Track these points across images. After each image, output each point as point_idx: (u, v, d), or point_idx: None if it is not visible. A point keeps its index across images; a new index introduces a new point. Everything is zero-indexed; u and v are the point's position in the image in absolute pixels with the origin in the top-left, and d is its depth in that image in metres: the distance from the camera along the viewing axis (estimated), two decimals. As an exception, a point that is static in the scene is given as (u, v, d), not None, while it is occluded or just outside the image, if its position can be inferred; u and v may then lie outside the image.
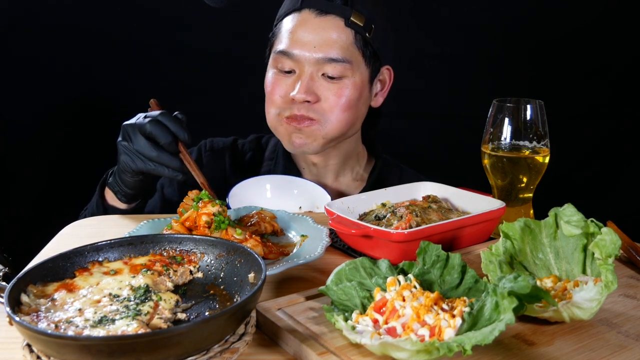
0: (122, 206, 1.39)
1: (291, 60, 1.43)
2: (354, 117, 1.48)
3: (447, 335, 0.70)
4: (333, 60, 1.41)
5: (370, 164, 1.67)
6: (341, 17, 1.41)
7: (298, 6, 1.43)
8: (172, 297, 0.81)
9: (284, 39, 1.44)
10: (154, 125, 1.23)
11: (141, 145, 1.24)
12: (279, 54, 1.44)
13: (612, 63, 2.47)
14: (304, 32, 1.41)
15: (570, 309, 0.77)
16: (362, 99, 1.49)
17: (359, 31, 1.43)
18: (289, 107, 1.44)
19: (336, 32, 1.41)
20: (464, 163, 1.62)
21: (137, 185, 1.34)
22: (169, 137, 1.24)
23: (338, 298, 0.82)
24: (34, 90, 2.36)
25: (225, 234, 1.00)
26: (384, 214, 1.11)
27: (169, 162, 1.24)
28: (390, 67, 1.55)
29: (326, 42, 1.41)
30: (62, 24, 2.31)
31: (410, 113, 2.32)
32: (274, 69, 1.47)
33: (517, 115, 1.17)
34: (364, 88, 1.48)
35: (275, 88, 1.46)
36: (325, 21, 1.41)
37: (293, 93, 1.41)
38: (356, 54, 1.44)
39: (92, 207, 1.44)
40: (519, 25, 2.45)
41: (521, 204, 1.22)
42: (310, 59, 1.41)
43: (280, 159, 1.60)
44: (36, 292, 0.80)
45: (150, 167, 1.25)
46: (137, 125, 1.25)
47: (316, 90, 1.42)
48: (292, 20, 1.44)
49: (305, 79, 1.42)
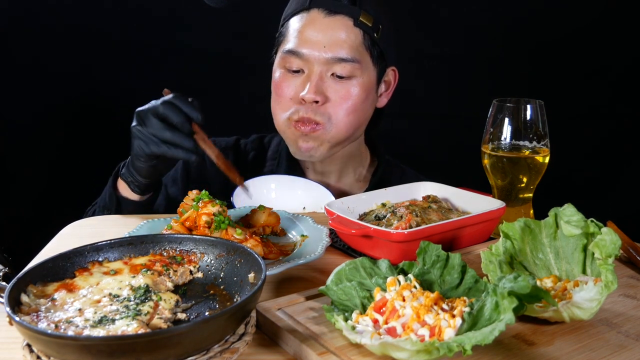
0: (135, 197, 1.37)
1: (300, 59, 1.43)
2: (360, 120, 1.49)
3: (447, 335, 0.70)
4: (342, 60, 1.41)
5: (373, 165, 1.67)
6: (350, 17, 1.41)
7: (307, 5, 1.43)
8: (172, 297, 0.81)
9: (292, 39, 1.44)
10: (166, 106, 1.21)
11: (154, 127, 1.21)
12: (288, 54, 1.44)
13: (612, 63, 2.47)
14: (313, 32, 1.41)
15: (570, 309, 0.77)
16: (369, 100, 1.49)
17: (367, 31, 1.43)
18: (298, 109, 1.44)
19: (345, 32, 1.41)
20: (464, 163, 1.62)
21: (150, 172, 1.31)
22: (181, 116, 1.20)
23: (338, 298, 0.82)
24: (34, 90, 2.36)
25: (225, 234, 1.00)
26: (384, 214, 1.11)
27: (182, 142, 1.20)
28: (395, 67, 1.56)
29: (335, 42, 1.41)
30: (62, 24, 2.31)
31: (410, 113, 2.32)
32: (282, 68, 1.47)
33: (517, 115, 1.17)
34: (371, 89, 1.49)
35: (284, 88, 1.45)
36: (334, 21, 1.41)
37: (303, 93, 1.41)
38: (364, 54, 1.44)
39: (102, 201, 1.41)
40: (518, 25, 2.45)
41: (521, 204, 1.22)
42: (319, 59, 1.41)
43: (284, 159, 1.60)
44: (36, 292, 0.80)
45: (164, 150, 1.22)
46: (149, 108, 1.23)
47: (325, 91, 1.42)
48: (300, 19, 1.44)
49: (314, 78, 1.42)
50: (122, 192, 1.38)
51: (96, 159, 2.36)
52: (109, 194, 1.39)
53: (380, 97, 1.56)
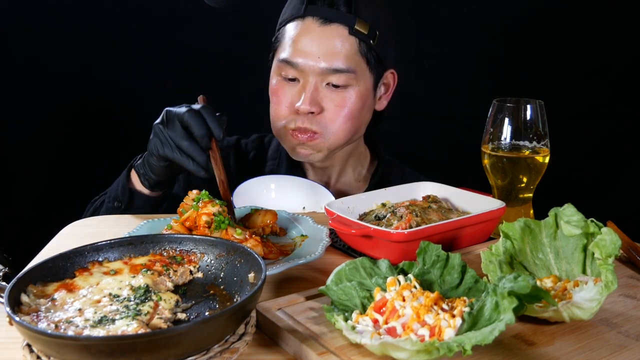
0: (145, 191, 1.36)
1: (295, 69, 1.42)
2: (357, 126, 1.49)
3: (447, 335, 0.70)
4: (337, 71, 1.40)
5: (372, 164, 1.67)
6: (345, 25, 1.40)
7: (301, 14, 1.42)
8: (172, 297, 0.81)
9: (287, 47, 1.43)
10: (192, 116, 1.18)
11: (175, 131, 1.19)
12: (283, 63, 1.43)
13: (612, 63, 2.47)
14: (308, 42, 1.40)
15: (570, 309, 0.77)
16: (366, 107, 1.49)
17: (363, 39, 1.42)
18: (294, 119, 1.44)
19: (340, 41, 1.40)
20: (464, 163, 1.62)
21: (162, 171, 1.30)
22: (204, 129, 1.17)
23: (338, 298, 0.82)
24: (34, 90, 2.36)
25: (225, 234, 1.00)
26: (384, 214, 1.11)
27: (196, 155, 1.18)
28: (395, 69, 1.55)
29: (330, 52, 1.40)
30: (62, 24, 2.31)
31: (410, 113, 2.32)
32: (278, 76, 1.46)
33: (517, 115, 1.17)
34: (368, 96, 1.48)
35: (281, 97, 1.45)
36: (329, 30, 1.40)
37: (298, 104, 1.41)
38: (360, 62, 1.43)
39: (114, 191, 1.40)
40: (518, 25, 2.45)
41: (521, 204, 1.22)
42: (314, 69, 1.40)
43: (284, 159, 1.60)
44: (36, 292, 0.80)
45: (176, 156, 1.20)
46: (176, 113, 1.20)
47: (320, 101, 1.42)
48: (295, 27, 1.43)
49: (309, 89, 1.41)
50: (135, 184, 1.37)
51: (96, 159, 2.37)
52: (121, 184, 1.38)
53: (380, 100, 1.55)
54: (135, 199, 1.37)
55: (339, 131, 1.45)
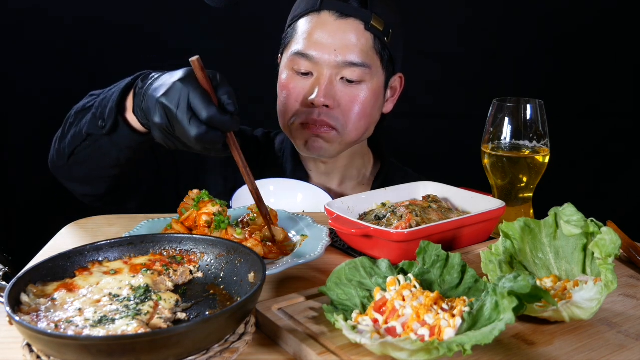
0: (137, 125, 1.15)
1: (309, 62, 1.41)
2: (369, 124, 1.49)
3: (447, 335, 0.70)
4: (353, 64, 1.39)
5: (376, 167, 1.66)
6: (361, 20, 1.40)
7: (317, 7, 1.41)
8: (172, 297, 0.81)
9: (302, 40, 1.41)
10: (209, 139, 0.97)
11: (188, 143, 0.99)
12: (296, 55, 1.42)
13: (612, 63, 2.47)
14: (323, 34, 1.39)
15: (570, 309, 0.77)
16: (378, 105, 1.49)
17: (378, 35, 1.42)
18: (305, 112, 1.42)
19: (356, 35, 1.40)
20: (464, 163, 1.62)
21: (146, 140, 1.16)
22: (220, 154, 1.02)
23: (338, 298, 0.82)
24: (34, 90, 2.36)
25: (225, 234, 1.00)
26: (384, 213, 1.11)
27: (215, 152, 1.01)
28: (402, 74, 1.55)
29: (346, 46, 1.39)
30: (62, 24, 2.31)
31: (410, 113, 2.32)
32: (289, 70, 1.44)
33: (517, 115, 1.17)
34: (380, 93, 1.48)
35: (292, 90, 1.43)
36: (345, 24, 1.40)
37: (312, 97, 1.40)
38: (375, 58, 1.43)
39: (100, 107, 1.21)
40: (518, 25, 2.45)
41: (521, 204, 1.22)
42: (329, 62, 1.39)
43: (289, 159, 1.58)
44: (36, 292, 0.80)
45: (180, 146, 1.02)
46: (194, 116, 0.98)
47: (334, 95, 1.41)
48: (309, 21, 1.42)
49: (324, 82, 1.40)
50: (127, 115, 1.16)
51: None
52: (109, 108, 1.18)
53: (386, 103, 1.55)
54: (120, 129, 1.17)
55: (352, 128, 1.44)
